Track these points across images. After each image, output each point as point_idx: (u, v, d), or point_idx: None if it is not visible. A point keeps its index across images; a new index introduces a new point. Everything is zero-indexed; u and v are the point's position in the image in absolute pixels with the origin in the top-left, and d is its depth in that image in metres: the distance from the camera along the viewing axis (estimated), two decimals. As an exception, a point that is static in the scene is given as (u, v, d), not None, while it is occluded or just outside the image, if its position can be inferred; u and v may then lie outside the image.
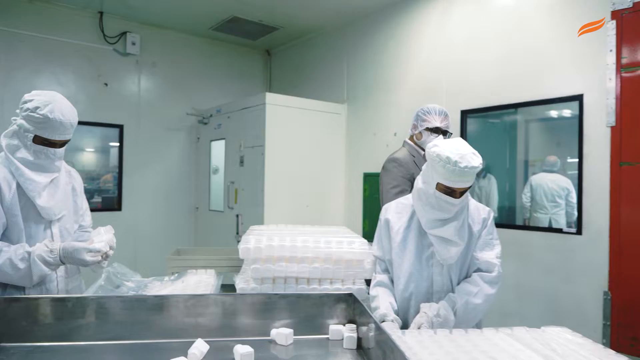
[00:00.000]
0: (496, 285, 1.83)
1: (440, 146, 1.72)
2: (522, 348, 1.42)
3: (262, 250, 1.83)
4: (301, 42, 5.97)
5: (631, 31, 2.97)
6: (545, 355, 1.36)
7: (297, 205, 4.72)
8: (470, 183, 1.73)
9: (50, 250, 1.78)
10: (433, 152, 1.72)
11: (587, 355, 1.36)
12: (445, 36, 4.17)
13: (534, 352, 1.37)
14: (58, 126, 1.82)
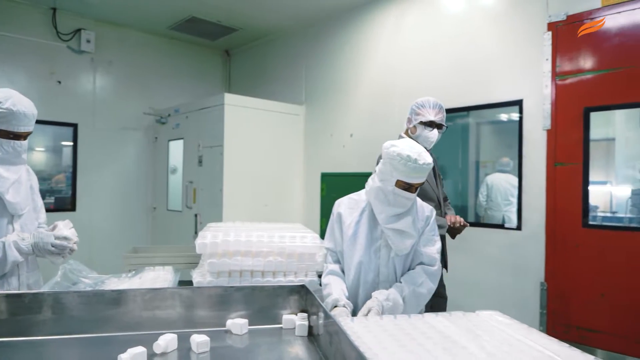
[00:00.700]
0: (436, 277, 2.01)
1: (398, 146, 1.86)
2: (455, 328, 1.56)
3: (218, 245, 1.90)
4: (260, 43, 6.03)
5: (565, 42, 3.24)
6: (471, 330, 1.51)
7: (256, 205, 4.79)
8: (424, 178, 1.89)
9: (22, 238, 1.83)
10: (393, 151, 1.85)
11: (508, 331, 1.52)
12: (399, 42, 4.36)
13: (460, 329, 1.52)
14: (22, 118, 1.87)
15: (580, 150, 3.15)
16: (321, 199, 5.03)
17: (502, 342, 1.43)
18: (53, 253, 1.88)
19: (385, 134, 4.35)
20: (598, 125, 3.77)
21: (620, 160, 3.91)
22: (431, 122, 2.53)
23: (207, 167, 4.82)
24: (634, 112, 3.46)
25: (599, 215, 3.65)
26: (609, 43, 3.03)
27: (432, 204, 2.51)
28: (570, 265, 3.16)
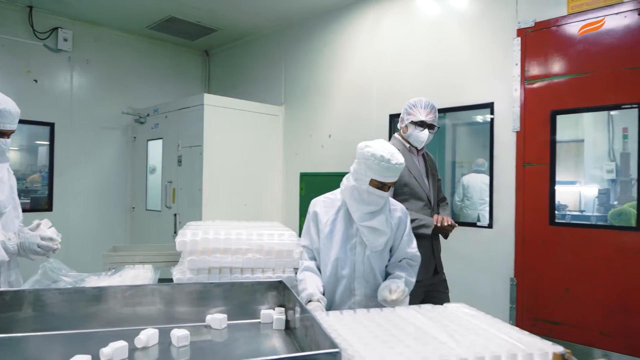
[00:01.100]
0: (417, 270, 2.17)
1: (372, 147, 1.95)
2: (425, 320, 1.65)
3: (198, 242, 1.95)
4: (240, 43, 6.07)
5: (533, 47, 3.38)
6: (440, 321, 1.60)
7: (236, 204, 4.83)
8: (397, 178, 1.99)
9: (9, 238, 1.84)
10: (367, 152, 1.94)
11: (474, 321, 1.62)
12: (376, 45, 4.46)
13: (430, 320, 1.61)
14: (8, 115, 1.90)
15: (547, 151, 3.29)
16: (300, 198, 5.10)
17: (469, 331, 1.52)
18: (38, 253, 1.90)
19: (363, 135, 4.45)
20: (568, 127, 3.93)
21: (589, 161, 4.09)
22: (422, 122, 2.55)
23: (186, 167, 4.84)
24: (601, 115, 3.63)
25: (568, 213, 3.81)
26: (574, 49, 3.19)
27: (421, 203, 2.59)
28: (538, 261, 3.31)
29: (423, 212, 2.58)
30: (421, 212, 2.58)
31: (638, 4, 2.92)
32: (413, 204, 2.57)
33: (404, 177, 2.55)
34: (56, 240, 1.92)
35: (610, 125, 3.78)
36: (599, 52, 3.07)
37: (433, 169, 2.76)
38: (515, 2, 3.47)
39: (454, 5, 3.88)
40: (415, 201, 2.58)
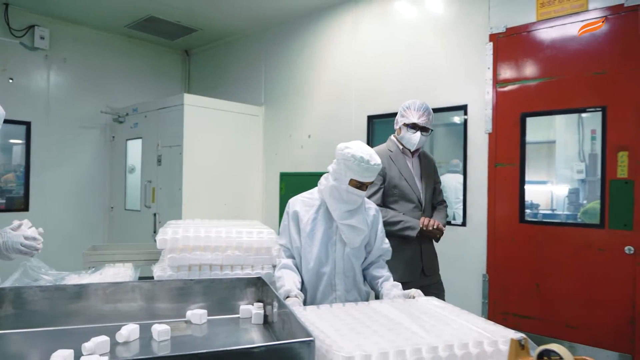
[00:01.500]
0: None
1: (352, 148, 2.03)
2: (398, 312, 1.73)
3: (178, 240, 2.00)
4: (220, 44, 6.09)
5: (504, 52, 3.51)
6: (412, 313, 1.69)
7: (216, 204, 4.85)
8: (374, 177, 2.08)
9: None
10: (347, 153, 2.02)
11: (444, 312, 1.71)
12: (354, 48, 4.55)
13: (402, 313, 1.70)
14: None
15: (517, 152, 3.42)
16: (280, 198, 5.15)
17: (439, 322, 1.61)
18: (22, 252, 1.91)
19: (342, 136, 4.54)
20: (541, 129, 4.09)
21: (560, 162, 4.25)
22: (414, 125, 2.56)
23: (166, 166, 4.84)
24: (572, 117, 3.78)
25: (540, 212, 3.96)
26: (542, 54, 3.32)
27: (411, 205, 2.60)
28: (509, 258, 3.44)
29: (412, 214, 2.59)
30: (410, 213, 2.59)
31: (602, 12, 3.07)
32: (403, 205, 2.60)
33: (394, 178, 2.59)
34: (39, 240, 1.94)
35: (581, 127, 3.94)
36: (567, 57, 3.21)
37: (430, 171, 2.75)
38: (487, 8, 3.59)
39: (430, 10, 3.99)
40: (405, 203, 2.60)
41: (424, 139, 2.61)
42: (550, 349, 1.17)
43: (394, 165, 2.61)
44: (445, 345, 1.34)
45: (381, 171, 2.57)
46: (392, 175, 2.60)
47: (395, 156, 2.64)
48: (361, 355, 1.24)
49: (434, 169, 2.81)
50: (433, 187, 2.77)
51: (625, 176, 2.96)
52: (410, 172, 2.64)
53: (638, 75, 2.90)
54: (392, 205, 2.61)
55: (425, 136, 2.61)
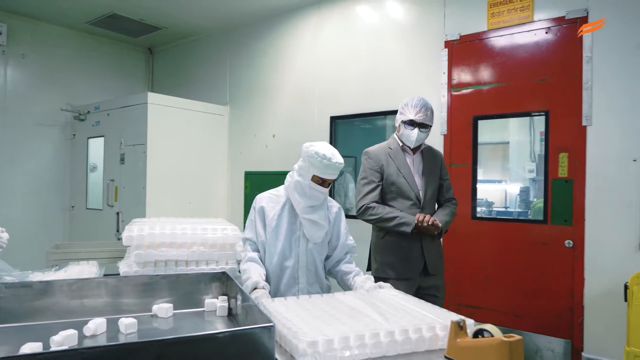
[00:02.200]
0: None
1: (316, 146, 2.15)
2: (359, 302, 1.85)
3: (144, 237, 2.05)
4: (185, 42, 6.08)
5: (458, 58, 3.71)
6: (372, 302, 1.82)
7: (180, 203, 4.87)
8: (336, 176, 2.21)
9: None
10: (311, 150, 2.14)
11: (400, 301, 1.85)
12: (317, 50, 4.67)
13: (364, 302, 1.82)
14: None
15: (470, 153, 3.62)
16: (245, 197, 5.22)
17: (396, 310, 1.74)
18: None
19: (306, 135, 4.66)
20: (496, 131, 4.33)
21: (513, 162, 4.50)
22: (411, 121, 2.54)
23: (129, 165, 4.82)
24: (525, 120, 4.02)
25: (494, 209, 4.18)
26: (493, 61, 3.54)
27: (409, 202, 2.59)
28: (463, 252, 3.64)
29: (410, 211, 2.57)
30: (408, 210, 2.57)
31: (546, 24, 3.30)
32: (400, 202, 2.60)
33: (392, 175, 2.60)
34: (3, 237, 1.96)
35: (532, 129, 4.18)
36: (514, 64, 3.44)
37: (433, 168, 2.71)
38: (443, 17, 3.79)
39: (390, 15, 4.15)
40: (403, 200, 2.60)
41: (422, 136, 2.59)
42: (484, 328, 1.32)
43: (392, 162, 2.62)
44: (401, 330, 1.48)
45: (379, 169, 2.62)
46: (389, 172, 2.61)
47: (394, 153, 2.64)
48: (324, 339, 1.36)
49: (440, 165, 2.76)
50: (439, 183, 2.74)
51: (566, 176, 3.20)
52: (409, 169, 2.63)
53: (577, 82, 3.15)
54: (390, 202, 2.62)
55: (424, 132, 2.59)
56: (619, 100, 3.01)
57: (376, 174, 2.62)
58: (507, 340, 1.23)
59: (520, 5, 3.39)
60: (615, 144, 3.02)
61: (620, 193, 3.00)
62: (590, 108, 3.10)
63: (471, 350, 1.30)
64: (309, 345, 1.34)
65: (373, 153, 2.67)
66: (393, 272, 2.58)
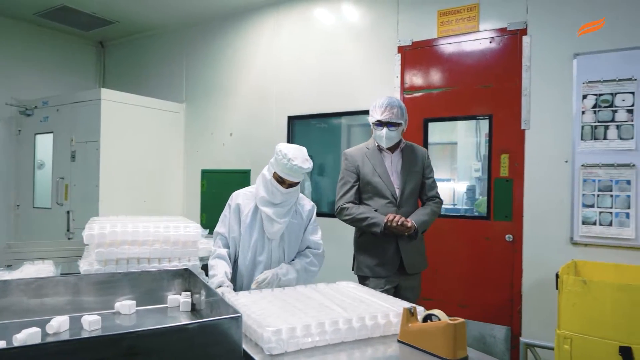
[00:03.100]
0: (322, 258, 2.48)
1: (285, 147, 2.24)
2: (319, 294, 1.96)
3: (106, 235, 2.07)
4: (139, 37, 5.96)
5: (411, 63, 3.90)
6: (331, 294, 1.94)
7: (135, 201, 4.80)
8: (297, 179, 2.26)
9: None
10: (280, 149, 2.23)
11: (357, 293, 1.98)
12: (275, 50, 4.74)
13: (324, 295, 1.93)
14: None
15: (421, 153, 3.81)
16: (201, 195, 5.21)
17: (354, 301, 1.87)
18: None
19: (264, 135, 4.73)
20: (445, 132, 4.56)
21: (461, 161, 4.75)
22: (379, 121, 2.58)
23: (81, 162, 4.70)
24: (471, 122, 4.25)
25: (443, 207, 4.40)
26: (442, 67, 3.75)
27: (384, 201, 2.61)
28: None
29: (386, 210, 2.59)
30: (384, 209, 2.59)
31: (490, 34, 3.54)
32: (376, 201, 2.62)
33: (367, 175, 2.63)
34: None
35: (478, 131, 4.44)
36: (461, 71, 3.66)
37: (413, 166, 2.70)
38: (396, 22, 3.97)
39: (347, 19, 4.29)
40: (379, 199, 2.63)
41: (392, 134, 2.60)
42: (432, 313, 1.47)
43: (368, 162, 2.66)
44: (358, 318, 1.60)
45: (354, 169, 2.66)
46: (365, 172, 2.65)
47: (371, 153, 2.67)
48: (287, 328, 1.46)
49: (421, 163, 2.75)
50: (420, 181, 2.74)
51: (507, 175, 3.46)
52: (386, 168, 2.65)
53: (517, 89, 3.41)
54: (367, 201, 2.66)
55: (393, 131, 2.59)
56: (554, 106, 3.29)
57: (352, 174, 2.67)
58: (452, 322, 1.38)
59: (467, 15, 3.62)
60: (549, 147, 3.30)
61: (553, 191, 3.28)
62: (528, 113, 3.37)
63: (421, 333, 1.45)
64: (273, 333, 1.44)
65: (350, 154, 2.72)
66: (370, 271, 2.62)
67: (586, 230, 3.15)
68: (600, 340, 2.49)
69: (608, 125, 3.09)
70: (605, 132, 3.10)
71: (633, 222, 3.00)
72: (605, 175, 3.09)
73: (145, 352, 1.25)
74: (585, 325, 2.55)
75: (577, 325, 2.57)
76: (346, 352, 1.50)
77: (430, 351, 1.42)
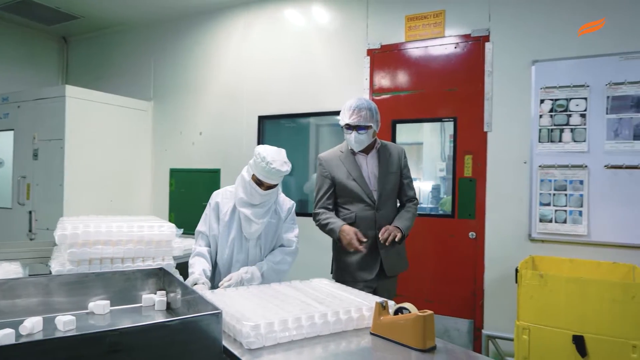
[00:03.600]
0: (293, 255, 2.51)
1: (264, 150, 2.28)
2: (294, 291, 2.02)
3: (79, 235, 2.06)
4: (105, 33, 5.83)
5: (379, 66, 4.01)
6: (305, 290, 2.00)
7: (101, 200, 4.72)
8: (276, 182, 2.30)
9: None
10: (259, 152, 2.26)
11: (331, 289, 2.05)
12: (246, 50, 4.75)
13: (299, 291, 1.99)
14: None
15: (389, 153, 3.93)
16: (170, 194, 5.17)
17: (328, 296, 1.94)
18: None
19: (234, 134, 4.74)
20: (411, 132, 4.69)
21: (427, 161, 4.90)
22: (347, 125, 2.52)
23: (44, 161, 4.57)
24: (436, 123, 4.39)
25: (410, 205, 4.53)
26: (409, 70, 3.88)
27: (361, 205, 2.58)
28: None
29: (365, 214, 2.57)
30: (363, 213, 2.57)
31: (455, 39, 3.69)
32: (355, 205, 2.60)
33: (342, 180, 2.60)
34: None
35: (442, 132, 4.59)
36: (428, 74, 3.80)
37: (389, 167, 2.65)
38: (366, 26, 4.07)
39: (317, 21, 4.36)
40: (357, 203, 2.59)
41: (361, 137, 2.53)
42: (403, 307, 1.56)
43: (342, 166, 2.62)
44: (333, 312, 1.67)
45: (328, 174, 2.63)
46: (340, 176, 2.61)
47: (345, 157, 2.63)
48: (265, 323, 1.51)
49: (397, 163, 2.69)
50: (399, 181, 2.69)
51: (470, 175, 3.62)
52: (360, 171, 2.60)
53: (480, 93, 3.57)
54: (346, 205, 2.63)
55: (362, 134, 2.52)
56: (514, 110, 3.47)
57: (327, 180, 2.64)
58: (421, 314, 1.47)
59: (434, 21, 3.75)
60: (510, 148, 3.48)
61: (513, 191, 3.46)
62: (491, 116, 3.53)
63: (392, 326, 1.53)
64: (252, 328, 1.49)
65: (324, 159, 2.69)
66: (349, 275, 2.59)
67: (543, 227, 3.34)
68: (555, 330, 2.67)
69: (563, 128, 3.28)
70: (561, 135, 3.29)
71: (585, 219, 3.21)
72: (561, 176, 3.29)
73: (128, 349, 1.27)
74: (542, 317, 2.72)
75: (535, 317, 2.74)
76: (322, 345, 1.56)
77: (401, 342, 1.50)
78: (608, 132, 3.15)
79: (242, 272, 2.29)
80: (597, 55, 3.18)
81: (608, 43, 3.16)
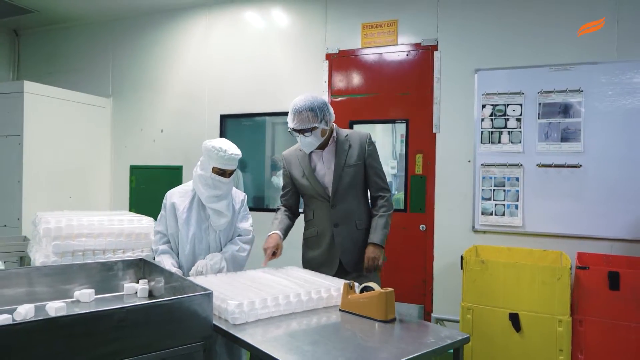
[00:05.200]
0: (250, 243, 2.70)
1: (214, 142, 2.45)
2: (270, 276, 2.23)
3: (62, 229, 2.17)
4: (59, 28, 5.72)
5: (337, 69, 4.26)
6: (279, 276, 2.21)
7: (60, 197, 4.68)
8: (235, 166, 2.49)
9: None
10: (209, 145, 2.44)
11: (303, 275, 2.28)
12: (207, 50, 4.87)
13: (275, 276, 2.21)
14: None
15: (347, 152, 4.19)
16: (130, 191, 5.19)
17: (302, 280, 2.16)
18: None
19: (196, 132, 4.86)
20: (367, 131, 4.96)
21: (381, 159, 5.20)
22: (293, 129, 2.45)
23: (1, 158, 4.49)
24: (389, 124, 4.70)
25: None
26: (365, 75, 4.16)
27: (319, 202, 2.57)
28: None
29: (323, 210, 2.56)
30: (321, 210, 2.57)
31: (407, 47, 4.01)
32: (313, 202, 2.60)
33: (297, 177, 2.60)
34: None
35: (394, 132, 4.91)
36: (383, 79, 4.10)
37: (350, 159, 2.52)
38: (324, 31, 4.31)
39: (277, 24, 4.55)
40: (314, 200, 2.59)
41: (308, 140, 2.44)
42: (368, 286, 1.81)
43: (298, 164, 2.61)
44: (306, 292, 1.90)
45: (287, 172, 2.67)
46: (295, 174, 2.63)
47: (302, 155, 2.59)
48: (248, 301, 1.72)
49: (360, 153, 2.55)
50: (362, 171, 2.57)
51: (421, 172, 3.96)
52: (312, 169, 2.57)
53: (430, 97, 3.90)
54: (307, 202, 2.66)
55: (309, 137, 2.42)
56: (459, 113, 3.83)
57: (287, 178, 2.70)
58: (384, 291, 1.73)
59: (387, 30, 4.05)
60: (456, 148, 3.84)
61: (459, 187, 3.82)
62: (439, 119, 3.88)
63: (359, 302, 1.79)
64: (236, 306, 1.69)
65: (285, 157, 2.71)
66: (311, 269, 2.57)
67: (485, 219, 3.72)
68: (495, 309, 3.05)
69: (502, 131, 3.68)
70: (500, 136, 3.68)
71: (520, 212, 3.62)
72: (500, 173, 3.68)
73: (132, 324, 1.45)
74: (483, 298, 3.09)
75: (477, 298, 3.11)
76: (297, 320, 1.79)
77: (367, 315, 1.76)
78: (540, 134, 3.57)
79: (207, 260, 2.45)
80: (530, 66, 3.59)
81: (540, 55, 3.58)
